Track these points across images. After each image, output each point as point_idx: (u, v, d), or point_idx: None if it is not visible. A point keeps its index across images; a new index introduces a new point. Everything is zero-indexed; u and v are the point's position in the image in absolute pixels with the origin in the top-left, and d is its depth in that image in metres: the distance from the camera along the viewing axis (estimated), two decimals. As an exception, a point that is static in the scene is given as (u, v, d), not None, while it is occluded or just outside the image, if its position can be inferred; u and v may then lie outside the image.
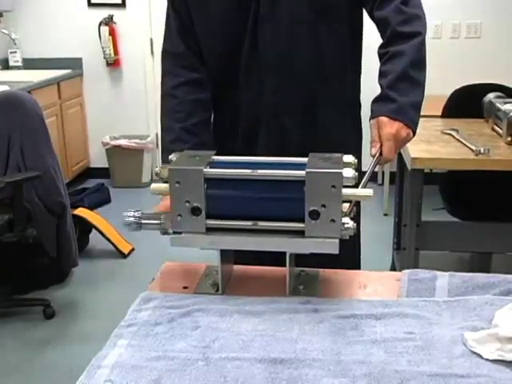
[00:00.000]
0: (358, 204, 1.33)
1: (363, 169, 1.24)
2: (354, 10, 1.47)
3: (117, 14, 4.68)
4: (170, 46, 1.54)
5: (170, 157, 1.14)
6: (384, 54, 1.35)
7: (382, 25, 1.38)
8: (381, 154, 1.26)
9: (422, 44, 1.35)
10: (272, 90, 1.46)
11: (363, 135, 1.60)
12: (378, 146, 1.27)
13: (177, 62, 1.51)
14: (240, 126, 1.52)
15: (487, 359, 0.93)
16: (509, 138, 2.32)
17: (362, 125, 1.59)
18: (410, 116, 1.31)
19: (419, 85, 1.34)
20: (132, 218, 1.12)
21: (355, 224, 1.06)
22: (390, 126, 1.27)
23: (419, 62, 1.34)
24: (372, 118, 1.31)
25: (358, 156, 1.39)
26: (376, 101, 1.33)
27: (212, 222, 1.09)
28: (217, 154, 1.16)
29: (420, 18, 1.37)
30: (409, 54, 1.32)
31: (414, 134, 1.33)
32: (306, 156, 1.10)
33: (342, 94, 1.51)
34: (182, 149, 1.26)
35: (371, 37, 1.58)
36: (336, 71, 1.48)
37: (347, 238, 1.07)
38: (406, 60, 1.31)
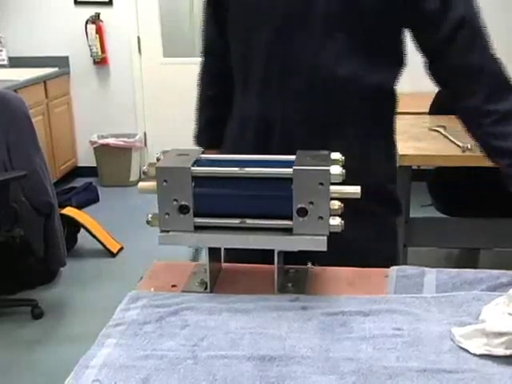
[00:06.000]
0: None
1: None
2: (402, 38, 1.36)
3: (104, 12, 4.66)
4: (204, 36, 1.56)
5: (157, 155, 1.13)
6: (492, 113, 1.31)
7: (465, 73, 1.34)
8: None
9: None
10: (294, 97, 1.33)
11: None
12: None
13: (206, 50, 1.56)
14: (249, 134, 1.41)
15: (474, 354, 0.93)
16: (495, 135, 2.33)
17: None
18: None
19: None
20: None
21: (343, 221, 1.06)
22: None
23: None
24: None
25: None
26: None
27: (200, 220, 1.08)
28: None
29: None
30: None
31: None
32: None
33: (367, 123, 1.37)
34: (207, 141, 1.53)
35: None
36: (363, 98, 1.34)
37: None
38: None
